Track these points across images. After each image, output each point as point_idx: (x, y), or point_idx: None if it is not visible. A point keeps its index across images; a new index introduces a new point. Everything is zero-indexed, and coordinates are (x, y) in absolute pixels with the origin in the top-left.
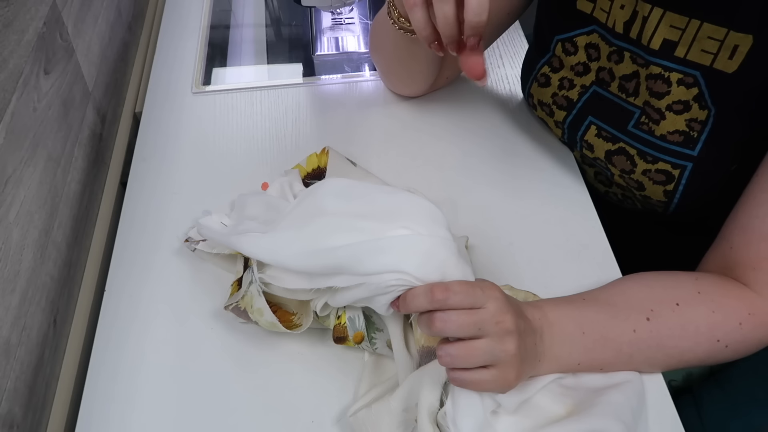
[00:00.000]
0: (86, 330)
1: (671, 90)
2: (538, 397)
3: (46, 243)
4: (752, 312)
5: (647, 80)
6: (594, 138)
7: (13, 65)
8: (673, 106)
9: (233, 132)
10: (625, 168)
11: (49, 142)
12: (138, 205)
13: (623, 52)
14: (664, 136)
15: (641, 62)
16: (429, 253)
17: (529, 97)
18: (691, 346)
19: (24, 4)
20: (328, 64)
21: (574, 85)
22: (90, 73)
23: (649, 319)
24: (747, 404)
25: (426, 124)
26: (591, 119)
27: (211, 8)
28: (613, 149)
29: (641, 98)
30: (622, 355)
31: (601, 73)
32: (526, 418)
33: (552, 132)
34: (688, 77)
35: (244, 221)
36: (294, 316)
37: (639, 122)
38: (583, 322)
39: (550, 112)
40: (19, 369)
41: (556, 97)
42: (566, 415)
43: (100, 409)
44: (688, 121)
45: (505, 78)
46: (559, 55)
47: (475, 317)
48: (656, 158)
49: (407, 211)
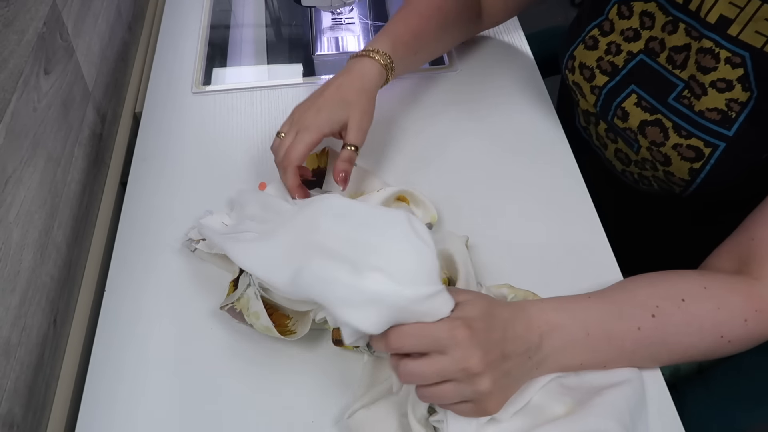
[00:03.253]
0: (86, 330)
1: (718, 67)
2: (537, 396)
3: (46, 243)
4: (759, 309)
5: (697, 54)
6: (632, 106)
7: (13, 65)
8: (717, 83)
9: (233, 132)
10: (657, 140)
11: (49, 142)
12: (138, 205)
13: (678, 23)
14: (702, 112)
15: (695, 35)
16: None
17: (569, 59)
18: (694, 342)
19: (24, 4)
20: (328, 64)
21: (621, 50)
22: (90, 73)
23: (654, 315)
24: (731, 404)
25: (426, 125)
26: (633, 87)
27: (211, 8)
28: (649, 120)
29: (688, 72)
30: (625, 352)
31: (652, 43)
32: (525, 417)
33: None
34: (737, 57)
35: (244, 221)
36: (289, 320)
37: (681, 95)
38: (588, 322)
39: (591, 76)
40: (19, 369)
41: (601, 62)
42: (565, 415)
43: (100, 409)
44: (728, 101)
45: (505, 79)
46: (612, 18)
47: (437, 366)
48: (690, 133)
49: (395, 255)
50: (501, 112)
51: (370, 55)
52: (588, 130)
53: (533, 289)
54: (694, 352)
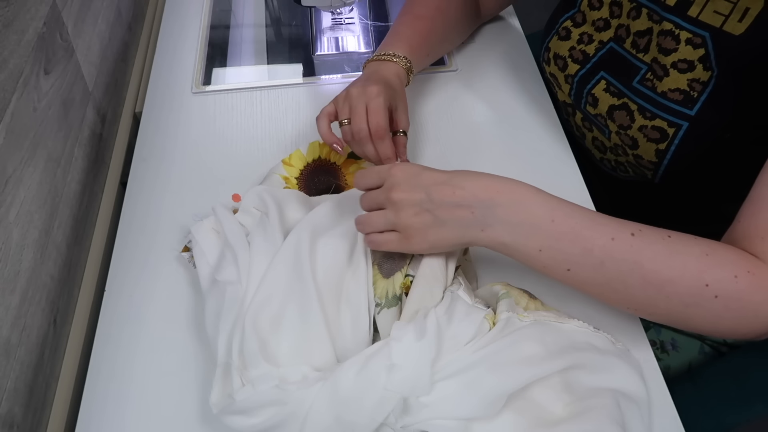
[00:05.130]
0: (86, 330)
1: (678, 48)
2: (536, 393)
3: (46, 243)
4: (752, 271)
5: (658, 36)
6: (601, 92)
7: (13, 65)
8: (678, 64)
9: (233, 132)
10: (624, 123)
11: (49, 142)
12: (138, 205)
13: (641, 8)
14: (665, 93)
15: (656, 18)
16: None
17: (545, 51)
18: (673, 278)
19: (24, 4)
20: (328, 64)
21: (593, 40)
22: (90, 73)
23: (633, 234)
24: (719, 403)
25: (426, 125)
26: (603, 74)
27: (211, 8)
28: (617, 104)
29: (650, 55)
30: (592, 257)
31: (620, 30)
32: (523, 415)
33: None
34: (697, 38)
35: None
36: None
37: (644, 78)
38: (556, 211)
39: (564, 66)
40: (19, 369)
41: (573, 51)
42: (565, 415)
43: (100, 409)
44: (690, 81)
45: (505, 79)
46: (584, 10)
47: (372, 194)
48: (654, 114)
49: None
50: (501, 112)
51: (393, 60)
52: (569, 122)
53: (533, 289)
54: (671, 291)
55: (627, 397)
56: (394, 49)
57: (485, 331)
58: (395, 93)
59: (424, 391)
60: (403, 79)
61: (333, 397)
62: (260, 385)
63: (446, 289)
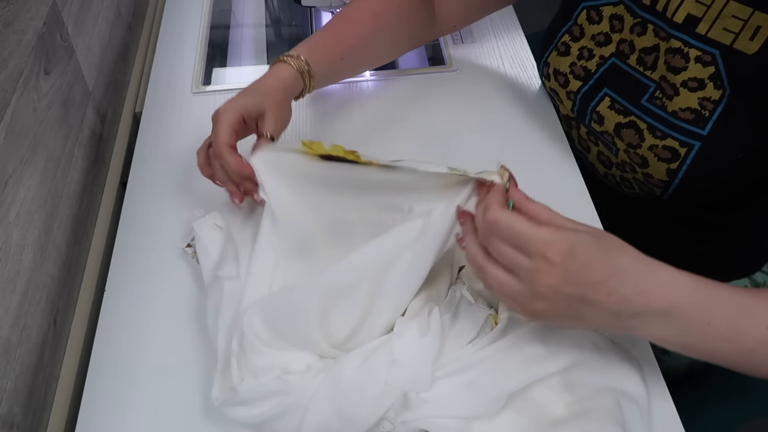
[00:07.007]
0: (86, 330)
1: (688, 66)
2: (537, 393)
3: (46, 243)
4: None
5: (666, 54)
6: (606, 110)
7: (13, 65)
8: (688, 82)
9: None
10: (633, 142)
11: (49, 142)
12: (138, 205)
13: (647, 24)
14: (676, 113)
15: (663, 35)
16: None
17: (544, 66)
18: None
19: (24, 4)
20: None
21: (593, 55)
22: (90, 73)
23: None
24: (719, 404)
25: (426, 126)
26: (606, 91)
27: (211, 8)
28: (623, 122)
29: (658, 72)
30: (743, 350)
31: (622, 45)
32: (524, 414)
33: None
34: (707, 55)
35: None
36: None
37: (653, 96)
38: (712, 314)
39: (565, 82)
40: (19, 369)
41: (573, 67)
42: (565, 415)
43: (100, 409)
44: (701, 100)
45: (505, 78)
46: (582, 23)
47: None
48: (665, 134)
49: None
50: (501, 112)
51: (286, 60)
52: (570, 134)
53: None
54: None
55: (627, 398)
56: (295, 50)
57: (488, 330)
58: (263, 99)
59: (424, 387)
60: (291, 82)
61: (334, 389)
62: (263, 376)
63: (451, 287)
